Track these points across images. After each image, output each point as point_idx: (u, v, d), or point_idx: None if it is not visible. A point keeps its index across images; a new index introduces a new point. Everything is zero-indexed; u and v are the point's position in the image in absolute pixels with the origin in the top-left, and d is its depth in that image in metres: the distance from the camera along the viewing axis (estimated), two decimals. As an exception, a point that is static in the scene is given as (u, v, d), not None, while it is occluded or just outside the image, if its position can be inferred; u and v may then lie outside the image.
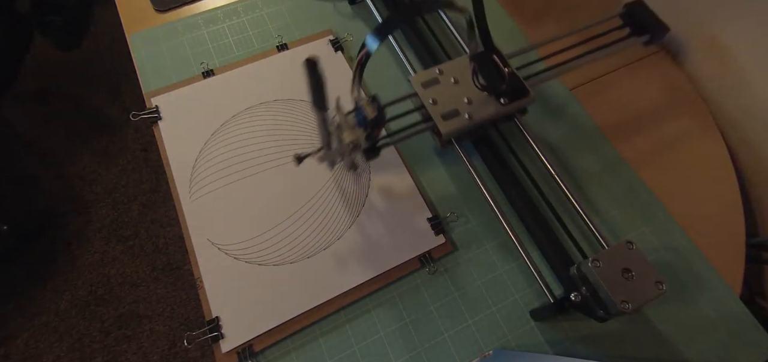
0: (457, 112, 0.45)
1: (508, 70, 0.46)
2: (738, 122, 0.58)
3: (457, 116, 0.45)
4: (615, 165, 0.53)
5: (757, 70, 0.54)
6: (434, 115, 0.45)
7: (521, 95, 0.46)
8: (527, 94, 0.46)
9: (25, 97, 1.31)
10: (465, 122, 0.45)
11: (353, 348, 0.42)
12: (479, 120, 0.45)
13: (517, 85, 0.46)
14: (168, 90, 0.55)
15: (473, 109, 0.46)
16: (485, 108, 0.46)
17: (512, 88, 0.46)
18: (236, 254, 0.45)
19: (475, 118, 0.45)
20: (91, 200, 1.16)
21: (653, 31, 0.52)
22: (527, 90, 0.47)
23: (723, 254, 0.48)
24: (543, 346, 0.43)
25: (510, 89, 0.46)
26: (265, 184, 0.49)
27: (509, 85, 0.46)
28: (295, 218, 0.48)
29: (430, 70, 0.48)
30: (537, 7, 0.66)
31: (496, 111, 0.46)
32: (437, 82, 0.47)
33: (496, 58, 0.47)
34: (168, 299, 1.05)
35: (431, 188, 0.50)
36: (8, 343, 0.99)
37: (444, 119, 0.45)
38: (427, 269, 0.46)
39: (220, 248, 0.46)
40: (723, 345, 0.43)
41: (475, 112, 0.45)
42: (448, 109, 0.46)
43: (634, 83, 0.60)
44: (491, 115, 0.46)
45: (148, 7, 0.62)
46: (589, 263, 0.36)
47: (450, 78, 0.48)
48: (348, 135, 0.39)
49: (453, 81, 0.47)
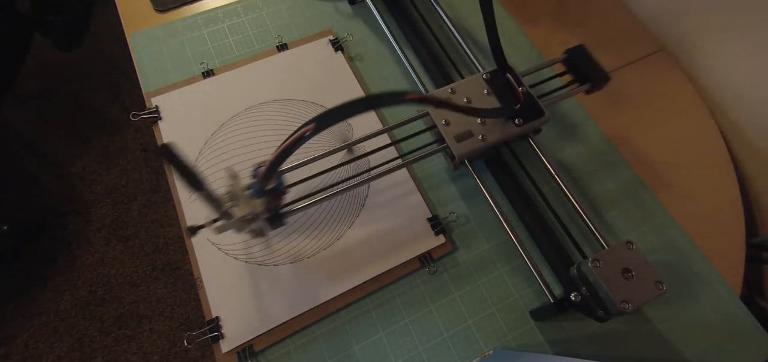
0: (470, 133, 0.44)
1: (522, 89, 0.45)
2: (738, 122, 0.58)
3: (470, 138, 0.44)
4: (615, 165, 0.53)
5: (758, 71, 0.54)
6: (447, 136, 0.44)
7: (536, 115, 0.45)
8: (542, 114, 0.45)
9: (25, 97, 1.31)
10: (478, 143, 0.44)
11: (353, 348, 0.42)
12: (493, 141, 0.44)
13: (531, 105, 0.45)
14: (168, 90, 0.55)
15: (486, 130, 0.44)
16: (498, 129, 0.44)
17: (527, 109, 0.45)
18: (236, 254, 0.45)
19: (488, 139, 0.44)
20: (91, 200, 1.16)
21: (594, 79, 0.48)
22: (542, 111, 0.45)
23: (723, 254, 0.48)
24: (543, 346, 0.43)
25: (524, 110, 0.45)
26: (265, 184, 0.49)
27: (524, 105, 0.45)
28: (295, 218, 0.48)
29: (443, 89, 0.47)
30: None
31: (510, 132, 0.44)
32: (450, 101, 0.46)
33: (510, 76, 0.45)
34: (168, 299, 1.05)
35: (431, 188, 0.50)
36: (8, 343, 0.99)
37: (457, 141, 0.44)
38: (427, 270, 0.46)
39: (220, 248, 0.46)
40: (723, 345, 0.43)
41: (488, 133, 0.44)
42: (461, 130, 0.44)
43: (634, 83, 0.60)
44: (505, 137, 0.44)
45: (148, 7, 0.62)
46: (589, 263, 0.36)
47: (463, 98, 0.46)
48: (241, 209, 0.36)
49: (466, 101, 0.46)
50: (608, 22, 0.65)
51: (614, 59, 0.61)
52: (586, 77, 0.49)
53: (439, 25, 0.60)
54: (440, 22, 0.59)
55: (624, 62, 0.61)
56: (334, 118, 0.31)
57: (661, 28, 0.64)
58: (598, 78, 0.48)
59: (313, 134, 0.31)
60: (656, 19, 0.64)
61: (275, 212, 0.40)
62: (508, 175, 0.49)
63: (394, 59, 0.59)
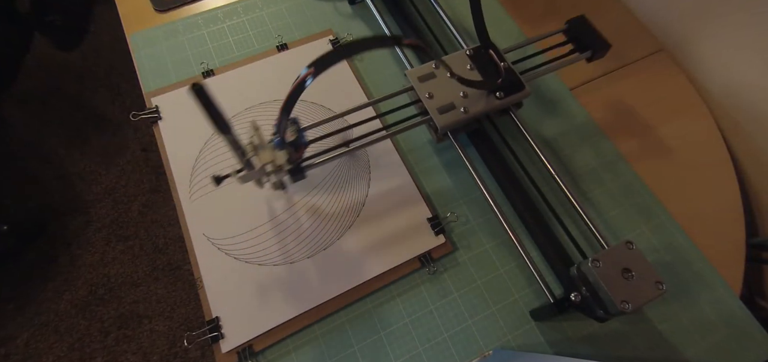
0: (452, 105, 0.46)
1: (504, 64, 0.47)
2: (738, 122, 0.58)
3: (452, 110, 0.46)
4: (615, 165, 0.53)
5: (758, 71, 0.54)
6: (430, 109, 0.46)
7: (517, 89, 0.47)
8: (523, 88, 0.47)
9: (25, 97, 1.31)
10: (461, 115, 0.46)
11: (353, 348, 0.42)
12: (475, 113, 0.46)
13: (513, 79, 0.47)
14: (168, 90, 0.55)
15: (469, 102, 0.46)
16: (481, 102, 0.46)
17: (508, 83, 0.47)
18: (236, 254, 0.45)
19: (470, 111, 0.46)
20: (91, 200, 1.16)
21: (595, 48, 0.50)
22: (523, 84, 0.47)
23: (723, 254, 0.48)
24: (543, 346, 0.43)
25: (506, 84, 0.47)
26: (265, 184, 0.49)
27: (505, 79, 0.46)
28: (295, 218, 0.48)
29: (427, 65, 0.49)
30: (538, 12, 0.66)
31: (492, 105, 0.46)
32: (433, 76, 0.48)
33: (493, 53, 0.47)
34: (168, 299, 1.05)
35: (431, 188, 0.50)
36: (8, 343, 0.99)
37: (440, 113, 0.46)
38: (427, 270, 0.46)
39: (220, 248, 0.46)
40: (723, 345, 0.43)
41: (470, 105, 0.46)
42: (444, 103, 0.46)
43: (634, 83, 0.60)
44: (486, 108, 0.46)
45: (148, 7, 0.62)
46: (589, 263, 0.36)
47: (446, 72, 0.48)
48: (264, 157, 0.38)
49: (449, 75, 0.48)
50: (608, 23, 0.65)
51: (614, 59, 0.61)
52: (586, 46, 0.51)
53: (439, 25, 0.60)
54: (441, 22, 0.59)
55: (624, 62, 0.61)
56: (332, 60, 0.33)
57: (661, 28, 0.64)
58: (598, 46, 0.50)
59: (313, 78, 0.33)
60: (656, 19, 0.65)
61: (297, 165, 0.42)
62: (491, 149, 0.50)
63: (394, 59, 0.59)
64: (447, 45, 0.58)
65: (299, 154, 0.41)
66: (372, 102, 0.48)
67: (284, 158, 0.38)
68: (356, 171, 0.51)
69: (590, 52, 0.50)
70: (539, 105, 0.57)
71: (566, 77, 0.59)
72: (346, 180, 0.50)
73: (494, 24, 0.63)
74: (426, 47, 0.38)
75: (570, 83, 0.59)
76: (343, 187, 0.50)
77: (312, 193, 0.49)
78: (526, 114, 0.55)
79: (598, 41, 0.50)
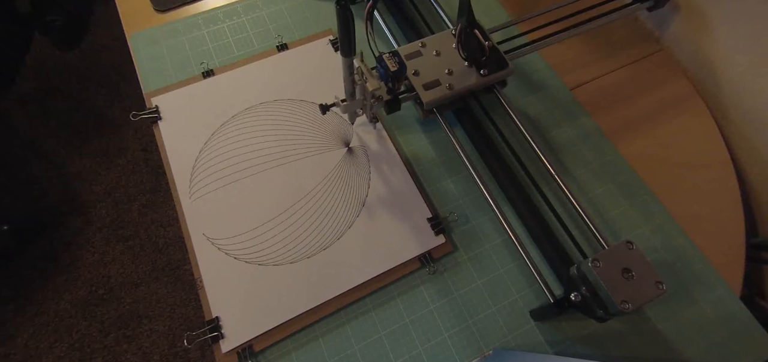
0: (438, 82, 0.48)
1: (488, 43, 0.48)
2: (738, 122, 0.58)
3: (438, 86, 0.48)
4: (615, 165, 0.53)
5: (758, 71, 0.54)
6: (416, 85, 0.47)
7: (501, 67, 0.49)
8: (507, 66, 0.49)
9: (25, 97, 1.31)
10: (446, 91, 0.47)
11: (353, 348, 0.42)
12: (460, 89, 0.48)
13: (497, 57, 0.49)
14: (168, 90, 0.55)
15: (454, 79, 0.48)
16: (465, 79, 0.48)
17: (492, 61, 0.48)
18: (236, 254, 0.45)
19: (455, 87, 0.47)
20: (91, 200, 1.16)
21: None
22: (507, 63, 0.49)
23: (723, 254, 0.48)
24: (543, 346, 0.43)
25: (490, 62, 0.48)
26: (265, 184, 0.49)
27: (490, 58, 0.48)
28: (295, 218, 0.48)
29: (414, 43, 0.50)
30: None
31: (476, 82, 0.48)
32: (420, 54, 0.49)
33: (478, 32, 0.48)
34: (168, 299, 1.05)
35: (431, 188, 0.50)
36: (8, 343, 0.99)
37: (425, 89, 0.47)
38: (427, 269, 0.46)
39: (221, 248, 0.46)
40: (723, 345, 0.43)
41: (455, 82, 0.48)
42: (429, 79, 0.48)
43: (634, 83, 0.60)
44: (471, 85, 0.48)
45: (148, 7, 0.62)
46: (589, 263, 0.36)
47: (432, 51, 0.50)
48: (371, 85, 0.42)
49: (435, 54, 0.50)
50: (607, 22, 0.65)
51: (614, 59, 0.61)
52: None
53: (439, 25, 0.60)
54: (440, 22, 0.59)
55: (624, 62, 0.61)
56: None
57: (661, 28, 0.64)
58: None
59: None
60: (657, 20, 0.64)
61: (395, 96, 0.46)
62: (476, 126, 0.51)
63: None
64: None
65: (399, 84, 0.44)
66: None
67: (384, 88, 0.42)
68: (356, 171, 0.51)
69: (652, 2, 0.54)
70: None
71: (566, 78, 0.59)
72: (346, 180, 0.50)
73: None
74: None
75: (570, 84, 0.59)
76: (343, 187, 0.50)
77: (312, 193, 0.49)
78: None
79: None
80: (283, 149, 0.52)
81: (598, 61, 0.52)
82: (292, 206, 0.48)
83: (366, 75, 0.42)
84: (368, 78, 0.42)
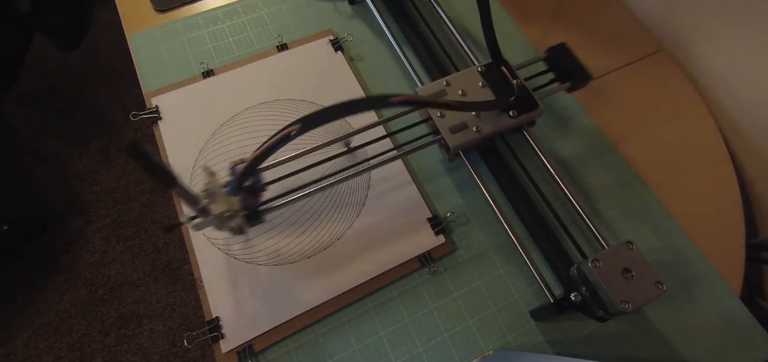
0: (465, 125, 0.45)
1: (517, 81, 0.45)
2: (738, 122, 0.58)
3: (465, 129, 0.44)
4: (615, 165, 0.53)
5: (758, 71, 0.54)
6: (442, 128, 0.44)
7: (530, 107, 0.46)
8: (536, 106, 0.46)
9: (25, 97, 1.31)
10: (473, 135, 0.44)
11: (353, 348, 0.42)
12: (487, 133, 0.44)
13: (525, 97, 0.46)
14: (168, 90, 0.55)
15: (481, 122, 0.45)
16: (493, 121, 0.45)
17: (521, 101, 0.45)
18: (236, 254, 0.46)
19: (483, 131, 0.44)
20: (91, 200, 1.16)
21: (575, 78, 0.49)
22: (537, 103, 0.46)
23: (723, 254, 0.48)
24: (543, 346, 0.43)
25: (519, 102, 0.45)
26: (265, 184, 0.49)
27: (518, 97, 0.45)
28: (295, 217, 0.48)
29: (438, 82, 0.47)
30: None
31: (505, 124, 0.45)
32: (445, 94, 0.46)
33: (505, 69, 0.46)
34: (168, 299, 1.05)
35: (431, 188, 0.50)
36: (8, 343, 0.99)
37: (452, 133, 0.44)
38: (427, 269, 0.46)
39: (220, 248, 0.46)
40: (723, 345, 0.43)
41: (483, 125, 0.45)
42: (456, 122, 0.45)
43: (634, 83, 0.60)
44: (499, 128, 0.45)
45: (148, 7, 0.62)
46: (589, 263, 0.36)
47: (457, 90, 0.47)
48: (218, 207, 0.36)
49: (461, 93, 0.46)
50: (608, 22, 0.65)
51: (614, 59, 0.61)
52: (567, 75, 0.49)
53: (439, 25, 0.60)
54: (440, 22, 0.59)
55: (624, 62, 0.61)
56: (321, 120, 0.31)
57: (661, 28, 0.64)
58: (579, 76, 0.49)
59: (298, 134, 0.31)
60: (656, 19, 0.64)
61: (253, 210, 0.39)
62: (503, 167, 0.49)
63: (394, 59, 0.59)
64: (446, 43, 0.58)
65: (256, 199, 0.38)
66: (383, 121, 0.47)
67: (239, 203, 0.36)
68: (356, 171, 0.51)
69: (570, 83, 0.49)
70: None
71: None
72: (346, 180, 0.50)
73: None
74: (417, 99, 0.37)
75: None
76: (343, 187, 0.50)
77: (312, 193, 0.49)
78: None
79: (578, 71, 0.48)
80: (282, 150, 0.51)
81: (598, 61, 0.52)
82: (292, 206, 0.48)
83: (215, 194, 0.36)
84: (217, 198, 0.36)
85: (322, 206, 0.48)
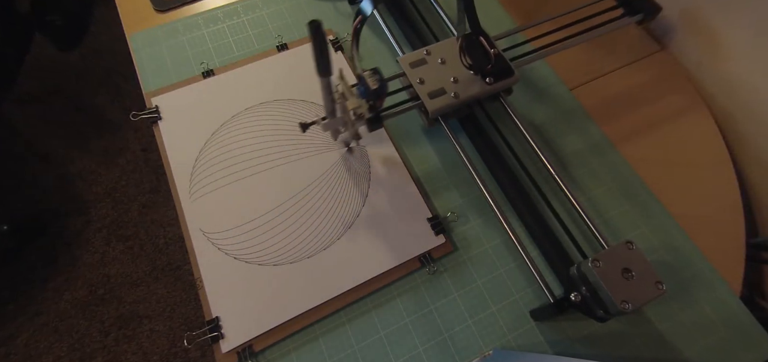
0: (443, 90, 0.47)
1: (494, 51, 0.48)
2: (738, 122, 0.58)
3: (443, 95, 0.47)
4: (616, 165, 0.53)
5: (758, 71, 0.54)
6: (421, 93, 0.47)
7: (506, 75, 0.48)
8: (512, 74, 0.48)
9: (25, 97, 1.31)
10: (451, 100, 0.47)
11: (353, 348, 0.42)
12: (465, 98, 0.47)
13: (502, 65, 0.48)
14: (168, 90, 0.55)
15: (459, 88, 0.48)
16: (471, 87, 0.48)
17: (498, 69, 0.48)
18: (236, 254, 0.45)
19: (461, 96, 0.47)
20: (91, 200, 1.16)
21: (646, 10, 0.55)
22: (512, 71, 0.48)
23: (723, 254, 0.48)
24: (543, 346, 0.43)
25: (495, 70, 0.48)
26: (266, 184, 0.49)
27: (495, 65, 0.47)
28: (295, 218, 0.48)
29: (418, 51, 0.50)
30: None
31: (482, 90, 0.48)
32: (425, 62, 0.49)
33: (483, 39, 0.48)
34: (168, 299, 1.05)
35: (431, 188, 0.50)
36: (8, 343, 0.99)
37: (430, 98, 0.47)
38: (427, 269, 0.46)
39: (220, 248, 0.46)
40: (723, 345, 0.43)
41: (461, 90, 0.47)
42: (434, 88, 0.47)
43: (634, 83, 0.60)
44: (477, 93, 0.48)
45: (148, 7, 0.62)
46: (589, 263, 0.36)
47: (437, 59, 0.49)
48: (351, 103, 0.40)
49: (440, 61, 0.49)
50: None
51: (614, 59, 0.61)
52: (636, 9, 0.54)
53: (439, 25, 0.60)
54: (440, 22, 0.59)
55: (624, 62, 0.61)
56: None
57: (661, 28, 0.64)
58: (650, 9, 0.55)
59: None
60: (656, 19, 0.64)
61: (377, 114, 0.45)
62: (481, 134, 0.51)
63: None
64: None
65: (380, 102, 0.43)
66: None
67: (365, 106, 0.41)
68: (356, 171, 0.51)
69: (641, 15, 0.53)
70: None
71: (566, 77, 0.59)
72: (346, 180, 0.50)
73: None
74: None
75: (570, 84, 0.59)
76: (343, 186, 0.50)
77: (312, 193, 0.49)
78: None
79: (648, 3, 0.53)
80: (283, 149, 0.52)
81: (598, 61, 0.52)
82: (293, 206, 0.48)
83: (346, 94, 0.41)
84: (348, 97, 0.41)
85: (323, 206, 0.48)
